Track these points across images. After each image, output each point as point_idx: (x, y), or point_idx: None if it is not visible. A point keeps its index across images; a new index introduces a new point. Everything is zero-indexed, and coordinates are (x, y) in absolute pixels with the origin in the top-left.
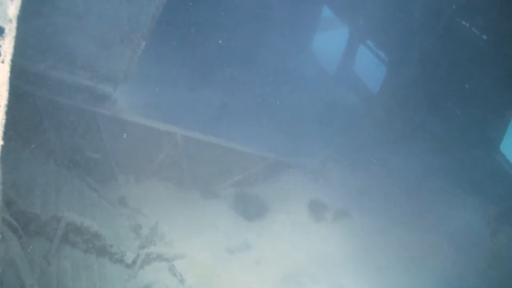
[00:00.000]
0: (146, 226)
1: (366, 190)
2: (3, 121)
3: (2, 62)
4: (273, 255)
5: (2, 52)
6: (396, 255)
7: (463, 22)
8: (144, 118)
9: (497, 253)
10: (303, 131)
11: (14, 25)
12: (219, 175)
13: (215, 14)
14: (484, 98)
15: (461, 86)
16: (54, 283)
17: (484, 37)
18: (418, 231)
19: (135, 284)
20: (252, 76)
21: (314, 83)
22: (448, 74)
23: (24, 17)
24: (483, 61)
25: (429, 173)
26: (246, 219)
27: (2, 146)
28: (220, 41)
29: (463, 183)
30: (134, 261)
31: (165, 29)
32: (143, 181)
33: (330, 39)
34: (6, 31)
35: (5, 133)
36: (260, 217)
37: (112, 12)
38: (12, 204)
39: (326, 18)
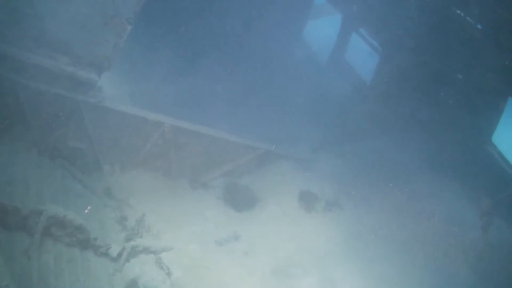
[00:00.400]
0: (132, 217)
1: (357, 181)
2: None
3: None
4: (263, 246)
5: None
6: (387, 246)
7: (458, 11)
8: (130, 106)
9: (488, 245)
10: (294, 120)
11: None
12: (208, 165)
13: None
14: (477, 88)
15: (455, 76)
16: (35, 279)
17: (479, 26)
18: (409, 223)
19: (120, 278)
20: (242, 64)
21: (306, 71)
22: (442, 63)
23: None
24: (477, 51)
25: (422, 164)
26: (236, 210)
27: None
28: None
29: (455, 175)
30: (120, 254)
31: (152, 13)
32: (130, 171)
33: (322, 27)
34: None
35: None
36: (249, 208)
37: None
38: None
39: (319, 4)
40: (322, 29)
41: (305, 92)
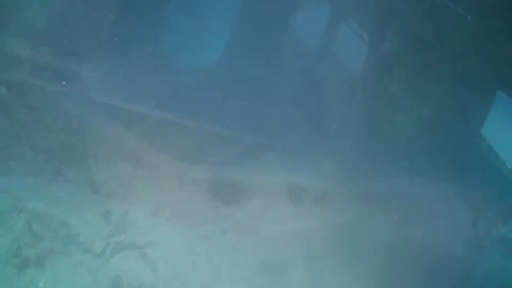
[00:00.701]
0: (117, 212)
1: (347, 174)
2: None
3: None
4: (251, 240)
5: None
6: (376, 241)
7: (448, 2)
8: (115, 98)
9: (478, 239)
10: (282, 112)
11: None
12: (194, 157)
13: None
14: (466, 80)
15: (444, 68)
16: (15, 276)
17: (469, 18)
18: (398, 217)
19: (104, 274)
20: (229, 54)
21: (294, 62)
22: (431, 55)
23: None
24: (467, 42)
25: (410, 157)
26: (223, 203)
27: None
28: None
29: (444, 168)
30: (104, 250)
31: (136, 2)
32: (115, 165)
33: (311, 17)
34: None
35: None
36: (237, 201)
37: None
38: None
39: None
40: (311, 20)
41: (294, 84)
